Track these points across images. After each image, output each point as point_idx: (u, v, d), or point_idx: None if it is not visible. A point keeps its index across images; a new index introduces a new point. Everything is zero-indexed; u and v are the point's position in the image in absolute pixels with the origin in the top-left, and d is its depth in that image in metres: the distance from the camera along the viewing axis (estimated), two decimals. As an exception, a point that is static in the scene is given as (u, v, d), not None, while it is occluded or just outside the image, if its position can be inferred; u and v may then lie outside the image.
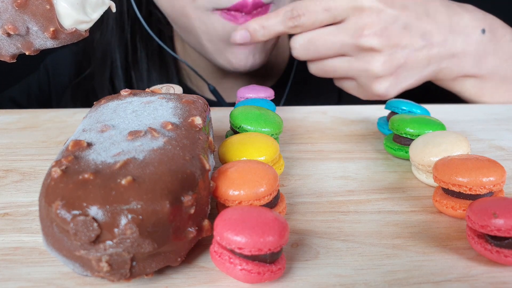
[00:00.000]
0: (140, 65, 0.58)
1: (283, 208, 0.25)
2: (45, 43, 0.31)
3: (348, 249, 0.23)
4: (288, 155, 0.34)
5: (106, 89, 0.58)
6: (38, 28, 0.29)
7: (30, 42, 0.30)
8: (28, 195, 0.28)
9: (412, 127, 0.32)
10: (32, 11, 0.29)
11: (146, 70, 0.58)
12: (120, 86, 0.58)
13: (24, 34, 0.30)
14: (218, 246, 0.20)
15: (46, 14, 0.29)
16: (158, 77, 0.58)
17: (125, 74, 0.58)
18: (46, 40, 0.30)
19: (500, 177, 0.24)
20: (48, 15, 0.29)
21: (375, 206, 0.27)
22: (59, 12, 0.29)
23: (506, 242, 0.21)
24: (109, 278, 0.20)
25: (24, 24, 0.29)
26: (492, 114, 0.42)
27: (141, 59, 0.58)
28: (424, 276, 0.21)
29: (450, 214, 0.26)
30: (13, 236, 0.24)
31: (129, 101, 0.27)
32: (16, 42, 0.30)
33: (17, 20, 0.29)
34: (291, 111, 0.43)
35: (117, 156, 0.21)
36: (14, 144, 0.36)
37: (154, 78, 0.58)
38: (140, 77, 0.58)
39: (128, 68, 0.58)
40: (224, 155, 0.27)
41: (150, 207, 0.19)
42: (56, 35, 0.30)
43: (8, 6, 0.29)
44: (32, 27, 0.29)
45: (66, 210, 0.19)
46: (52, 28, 0.29)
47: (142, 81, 0.58)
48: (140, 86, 0.58)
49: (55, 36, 0.30)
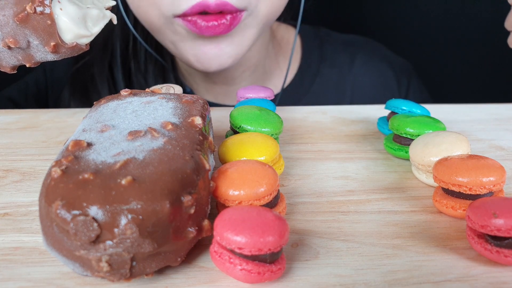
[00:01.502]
0: (139, 57, 0.58)
1: (283, 208, 0.25)
2: (45, 56, 0.31)
3: (348, 249, 0.23)
4: (288, 155, 0.34)
5: (105, 77, 0.58)
6: (39, 42, 0.29)
7: (30, 55, 0.30)
8: (28, 195, 0.28)
9: (412, 127, 0.32)
10: (33, 25, 0.29)
11: (144, 62, 0.58)
12: (118, 75, 0.58)
13: (25, 47, 0.30)
14: (218, 246, 0.20)
15: (47, 29, 0.29)
16: (154, 70, 0.58)
17: (124, 64, 0.58)
18: (47, 53, 0.30)
19: (500, 177, 0.24)
20: (49, 30, 0.29)
21: (375, 206, 0.27)
22: (60, 27, 0.29)
23: (506, 242, 0.21)
24: (109, 278, 0.20)
25: (25, 38, 0.29)
26: (492, 114, 0.42)
27: (140, 51, 0.58)
28: (424, 276, 0.21)
29: (450, 214, 0.26)
30: (13, 236, 0.24)
31: (129, 101, 0.27)
32: (17, 54, 0.30)
33: (18, 34, 0.29)
34: (291, 111, 0.43)
35: (117, 156, 0.21)
36: (14, 144, 0.36)
37: (150, 71, 0.58)
38: (138, 67, 0.58)
39: (128, 59, 0.58)
40: (224, 155, 0.27)
41: (150, 207, 0.19)
42: (57, 49, 0.30)
43: (9, 20, 0.29)
44: (33, 41, 0.29)
45: (66, 210, 0.19)
46: (53, 43, 0.29)
47: (140, 71, 0.58)
48: (138, 76, 0.58)
49: (56, 51, 0.30)
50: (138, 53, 0.58)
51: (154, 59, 0.57)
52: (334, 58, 0.62)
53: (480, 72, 0.87)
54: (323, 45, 0.63)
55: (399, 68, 0.64)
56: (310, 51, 0.62)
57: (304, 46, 0.62)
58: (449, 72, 0.87)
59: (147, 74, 0.58)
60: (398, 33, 0.85)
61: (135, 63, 0.58)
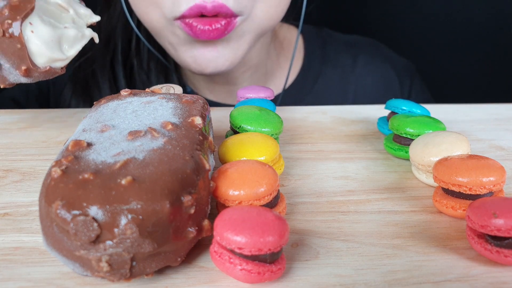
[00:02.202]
0: (142, 55, 0.58)
1: (283, 208, 0.25)
2: (19, 79, 0.29)
3: (348, 249, 0.23)
4: (288, 155, 0.34)
5: (107, 74, 0.58)
6: (10, 65, 0.28)
7: (4, 76, 0.29)
8: (28, 195, 0.28)
9: (412, 127, 0.32)
10: (2, 49, 0.27)
11: (147, 60, 0.58)
12: (119, 73, 0.58)
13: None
14: (218, 246, 0.20)
15: (17, 53, 0.27)
16: (156, 68, 0.58)
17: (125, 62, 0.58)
18: (20, 77, 0.29)
19: (500, 177, 0.24)
20: (19, 53, 0.27)
21: (375, 206, 0.27)
22: (31, 50, 0.28)
23: (506, 242, 0.21)
24: (109, 278, 0.20)
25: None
26: (492, 114, 0.42)
27: (143, 49, 0.58)
28: (424, 276, 0.21)
29: (450, 214, 0.26)
30: (13, 236, 0.24)
31: (129, 101, 0.27)
32: None
33: None
34: (291, 111, 0.43)
35: (117, 156, 0.21)
36: (14, 144, 0.36)
37: (153, 69, 0.58)
38: (140, 65, 0.58)
39: (131, 56, 0.58)
40: (224, 155, 0.27)
41: (150, 207, 0.19)
42: (29, 73, 0.28)
43: None
44: (4, 64, 0.28)
45: (66, 210, 0.19)
46: (24, 67, 0.28)
47: (142, 69, 0.58)
48: (140, 74, 0.58)
49: (28, 74, 0.28)
50: (141, 50, 0.58)
51: (157, 57, 0.58)
52: (336, 58, 0.63)
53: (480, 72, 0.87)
54: (326, 45, 0.63)
55: (401, 68, 0.64)
56: (312, 51, 0.62)
57: (306, 46, 0.62)
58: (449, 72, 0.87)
59: (150, 72, 0.58)
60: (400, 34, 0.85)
61: (137, 61, 0.58)
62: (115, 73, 0.58)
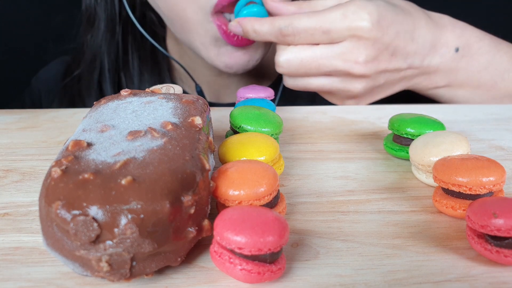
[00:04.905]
0: (131, 67, 0.58)
1: (283, 208, 0.25)
2: None
3: (348, 249, 0.23)
4: (288, 155, 0.34)
5: (93, 91, 0.58)
6: None
7: None
8: (28, 195, 0.28)
9: (412, 127, 0.32)
10: None
11: (138, 72, 0.58)
12: (107, 89, 0.58)
13: None
14: (218, 246, 0.20)
15: None
16: (150, 78, 0.58)
17: (113, 76, 0.58)
18: None
19: (500, 177, 0.24)
20: None
21: (375, 206, 0.27)
22: None
23: (506, 242, 0.21)
24: (109, 278, 0.20)
25: None
26: (492, 114, 0.42)
27: (132, 61, 0.58)
28: (424, 276, 0.21)
29: (450, 214, 0.26)
30: (13, 236, 0.24)
31: (129, 101, 0.27)
32: None
33: None
34: (291, 111, 0.43)
35: (117, 156, 0.21)
36: (14, 144, 0.36)
37: (146, 79, 0.58)
38: (130, 78, 0.58)
39: (118, 70, 0.58)
40: (224, 155, 0.27)
41: (150, 207, 0.19)
42: None
43: None
44: None
45: (66, 210, 0.19)
46: None
47: (132, 83, 0.58)
48: (130, 87, 0.58)
49: None
50: (130, 63, 0.58)
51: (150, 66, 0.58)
52: None
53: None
54: None
55: None
56: None
57: None
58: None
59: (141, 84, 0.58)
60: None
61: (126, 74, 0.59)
62: (102, 90, 0.58)
